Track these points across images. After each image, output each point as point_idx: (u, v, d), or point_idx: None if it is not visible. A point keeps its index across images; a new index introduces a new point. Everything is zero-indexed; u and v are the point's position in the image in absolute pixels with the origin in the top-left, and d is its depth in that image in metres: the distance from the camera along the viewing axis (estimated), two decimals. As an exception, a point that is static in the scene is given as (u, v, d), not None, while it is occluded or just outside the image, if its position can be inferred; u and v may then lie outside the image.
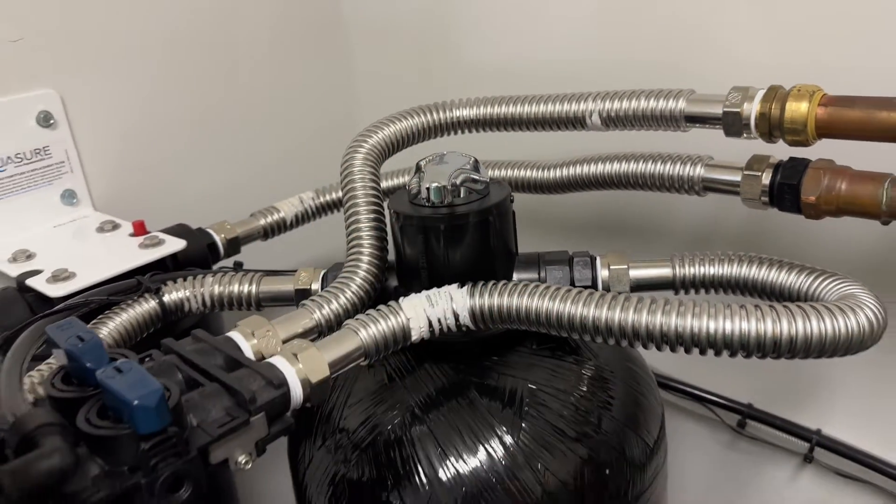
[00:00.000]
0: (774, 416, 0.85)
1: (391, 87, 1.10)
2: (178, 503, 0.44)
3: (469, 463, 0.59)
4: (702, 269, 0.63)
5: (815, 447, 0.82)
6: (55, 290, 0.67)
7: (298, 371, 0.51)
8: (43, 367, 0.57)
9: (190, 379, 0.50)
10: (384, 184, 0.89)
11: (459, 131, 0.78)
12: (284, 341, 0.58)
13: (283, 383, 0.50)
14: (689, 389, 0.90)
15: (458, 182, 0.61)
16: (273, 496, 0.89)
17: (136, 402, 0.41)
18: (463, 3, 0.98)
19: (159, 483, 0.43)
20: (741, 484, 0.94)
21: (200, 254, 0.81)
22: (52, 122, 0.83)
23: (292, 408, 0.51)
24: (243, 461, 0.47)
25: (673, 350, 0.55)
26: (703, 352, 0.55)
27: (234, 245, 0.85)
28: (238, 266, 0.80)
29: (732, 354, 0.54)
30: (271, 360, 0.52)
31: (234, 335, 0.56)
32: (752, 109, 0.60)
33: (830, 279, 0.56)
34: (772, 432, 0.86)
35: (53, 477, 0.40)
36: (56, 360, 0.49)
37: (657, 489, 0.66)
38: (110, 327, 0.65)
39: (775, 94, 0.59)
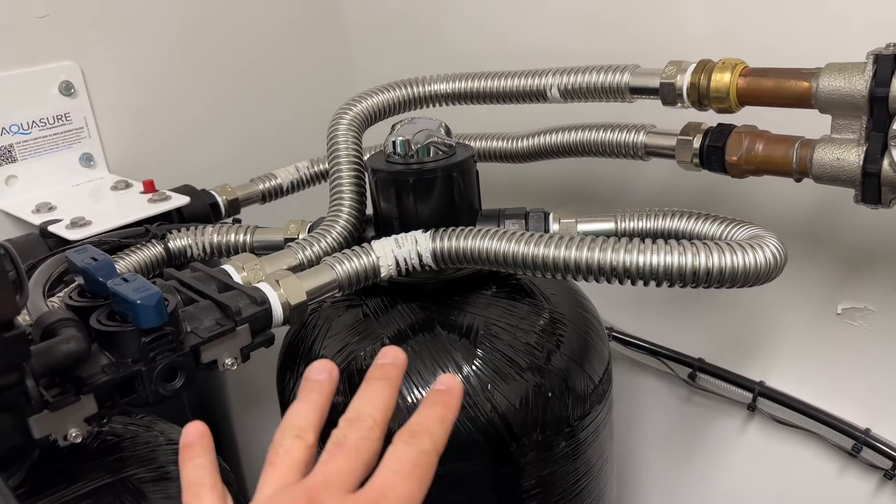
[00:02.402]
0: (722, 370, 0.93)
1: (384, 68, 1.19)
2: (173, 391, 0.53)
3: (430, 385, 0.67)
4: (640, 222, 0.72)
5: (758, 397, 0.90)
6: (73, 235, 0.77)
7: (280, 295, 0.60)
8: (62, 293, 0.66)
9: (188, 298, 0.59)
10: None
11: (437, 104, 0.86)
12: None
13: (265, 301, 0.58)
14: (646, 345, 0.99)
15: (422, 139, 0.70)
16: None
17: (138, 301, 0.50)
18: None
19: (157, 372, 0.52)
20: (696, 433, 1.02)
21: (203, 212, 0.90)
22: (72, 91, 0.92)
23: (274, 325, 0.60)
24: (230, 363, 0.56)
25: (609, 282, 0.64)
26: (633, 283, 0.63)
27: (234, 206, 0.94)
28: (236, 222, 0.89)
29: (658, 284, 0.62)
30: (257, 284, 0.61)
31: (227, 267, 0.65)
32: (684, 81, 0.68)
33: (741, 225, 0.65)
34: (721, 385, 0.94)
35: (70, 358, 0.48)
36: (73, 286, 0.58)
37: (599, 417, 0.74)
38: (121, 266, 0.74)
39: (704, 67, 0.67)
